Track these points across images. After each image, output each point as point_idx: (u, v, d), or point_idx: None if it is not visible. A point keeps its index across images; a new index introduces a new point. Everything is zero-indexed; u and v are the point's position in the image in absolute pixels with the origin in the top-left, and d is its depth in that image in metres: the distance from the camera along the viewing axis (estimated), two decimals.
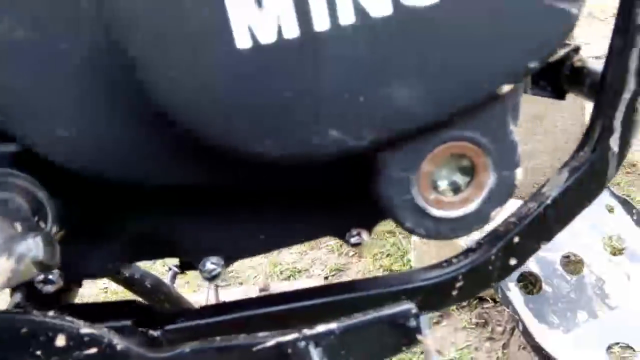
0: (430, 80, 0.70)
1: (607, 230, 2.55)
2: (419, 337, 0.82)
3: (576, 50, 1.12)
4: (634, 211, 2.52)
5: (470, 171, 0.79)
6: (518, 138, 0.77)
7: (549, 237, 0.99)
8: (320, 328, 0.81)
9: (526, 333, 2.27)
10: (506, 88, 0.72)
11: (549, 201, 0.97)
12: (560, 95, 1.15)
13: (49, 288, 0.83)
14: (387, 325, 0.84)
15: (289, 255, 3.31)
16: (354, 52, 0.68)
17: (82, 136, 0.73)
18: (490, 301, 2.60)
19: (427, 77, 0.70)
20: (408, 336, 0.84)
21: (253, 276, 3.22)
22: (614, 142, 0.94)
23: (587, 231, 2.51)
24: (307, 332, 0.81)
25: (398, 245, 3.13)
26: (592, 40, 4.71)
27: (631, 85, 0.91)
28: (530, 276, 2.48)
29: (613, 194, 2.58)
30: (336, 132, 0.69)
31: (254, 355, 0.80)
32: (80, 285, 1.01)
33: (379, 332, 0.83)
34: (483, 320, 2.53)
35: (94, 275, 0.89)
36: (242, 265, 3.28)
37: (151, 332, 0.88)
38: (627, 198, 2.60)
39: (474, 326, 2.51)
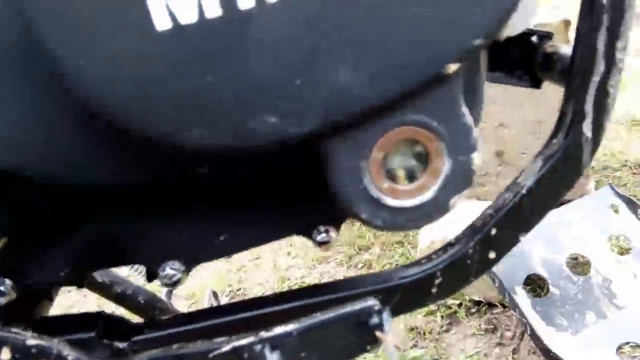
0: (371, 61, 0.67)
1: (613, 230, 2.51)
2: (377, 334, 0.79)
3: (549, 36, 1.10)
4: (639, 210, 2.48)
5: (424, 157, 0.76)
6: (471, 120, 0.75)
7: (527, 227, 0.97)
8: (278, 330, 0.78)
9: (534, 336, 2.23)
10: (453, 67, 0.70)
11: (524, 191, 0.94)
12: (536, 84, 1.13)
13: (1, 300, 0.80)
14: (350, 324, 0.80)
15: (297, 270, 3.28)
16: (284, 31, 0.65)
17: (4, 133, 0.71)
18: (500, 306, 2.56)
19: (367, 57, 0.67)
20: (372, 335, 0.81)
21: (261, 293, 3.19)
22: (587, 127, 0.92)
23: (592, 232, 2.47)
24: (263, 335, 0.78)
25: (407, 255, 3.10)
26: None
27: (600, 67, 0.89)
28: (537, 279, 2.44)
29: (617, 194, 2.54)
30: (274, 119, 0.66)
31: None
32: (50, 299, 0.99)
33: (341, 332, 0.80)
34: (492, 326, 2.49)
35: (47, 285, 0.87)
36: (249, 282, 3.25)
37: (117, 343, 0.86)
38: (633, 198, 2.56)
39: (483, 332, 2.48)
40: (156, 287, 1.97)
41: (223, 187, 0.83)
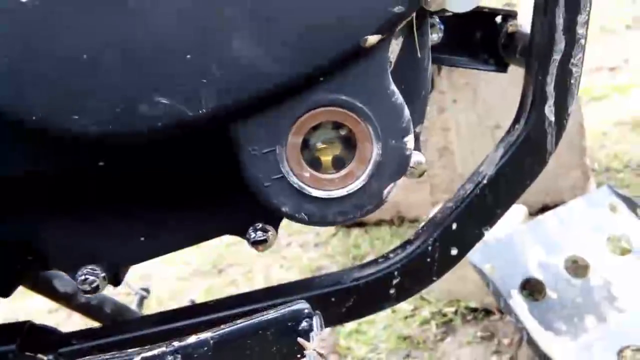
0: (273, 32, 0.60)
1: (612, 230, 2.42)
2: (299, 340, 0.70)
3: (514, 16, 1.04)
4: (638, 209, 2.39)
5: (352, 142, 0.69)
6: (401, 100, 0.67)
7: (491, 220, 0.90)
8: (191, 339, 0.70)
9: (532, 342, 2.15)
10: (373, 40, 0.62)
11: (485, 181, 0.87)
12: (501, 67, 1.07)
13: None
14: (275, 331, 0.71)
15: None
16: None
17: None
18: (497, 313, 2.49)
19: (268, 28, 0.59)
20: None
21: None
22: (549, 111, 0.85)
23: (590, 232, 2.39)
24: (175, 344, 0.70)
25: None
26: (607, 52, 4.64)
27: (560, 44, 0.82)
28: (534, 283, 2.36)
29: (616, 193, 2.46)
30: (165, 100, 0.59)
31: None
32: None
33: (266, 340, 0.71)
34: (489, 334, 2.42)
35: None
36: None
37: (40, 355, 0.79)
38: (633, 197, 2.47)
39: (479, 340, 2.40)
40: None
41: (137, 184, 0.76)
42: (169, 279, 3.25)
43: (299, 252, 3.24)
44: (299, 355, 0.71)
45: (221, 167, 0.75)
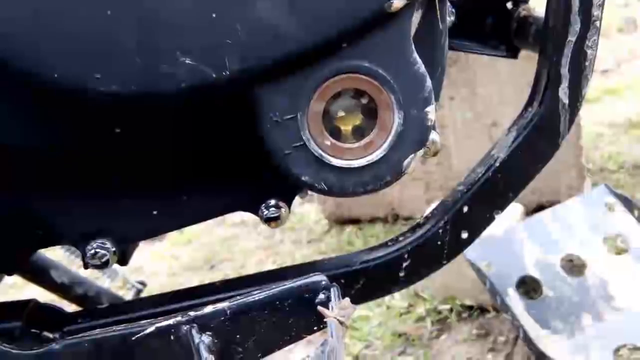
0: None
1: (609, 230, 2.42)
2: (320, 308, 0.70)
3: (525, 0, 1.04)
4: (635, 208, 2.39)
5: (373, 111, 0.68)
6: (424, 70, 0.66)
7: (502, 204, 0.89)
8: (207, 309, 0.70)
9: (528, 340, 2.14)
10: (398, 4, 0.62)
11: (497, 164, 0.87)
12: (512, 53, 1.07)
13: None
14: (292, 302, 0.71)
15: None
16: None
17: None
18: (492, 311, 2.48)
19: None
20: (318, 314, 0.71)
21: None
22: (563, 93, 0.85)
23: (587, 231, 2.39)
24: (191, 314, 0.69)
25: None
26: (600, 55, 4.64)
27: (576, 26, 0.82)
28: (531, 281, 2.36)
29: (613, 193, 2.46)
30: (189, 60, 0.58)
31: (134, 345, 0.69)
32: None
33: (283, 311, 0.71)
34: (484, 331, 2.41)
35: None
36: None
37: (46, 333, 0.78)
38: (630, 197, 2.47)
39: (475, 338, 2.39)
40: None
41: (149, 157, 0.75)
42: (160, 274, 3.23)
43: (291, 248, 3.23)
44: (315, 327, 0.71)
45: (235, 141, 0.74)
